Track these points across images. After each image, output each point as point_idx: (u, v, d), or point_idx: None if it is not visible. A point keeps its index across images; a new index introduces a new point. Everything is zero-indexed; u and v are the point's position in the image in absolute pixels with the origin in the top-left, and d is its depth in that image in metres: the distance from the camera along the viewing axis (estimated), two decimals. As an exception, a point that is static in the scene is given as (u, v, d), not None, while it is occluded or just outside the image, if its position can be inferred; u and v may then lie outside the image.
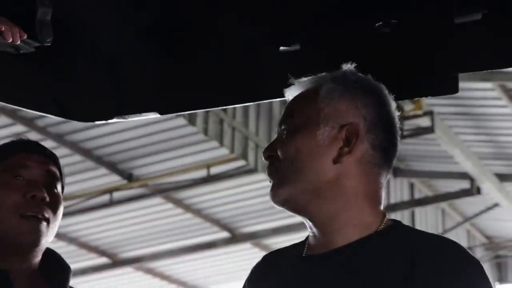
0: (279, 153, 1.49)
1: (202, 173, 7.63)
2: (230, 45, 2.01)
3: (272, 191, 1.51)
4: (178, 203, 8.26)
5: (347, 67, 1.52)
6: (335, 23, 1.84)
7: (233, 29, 1.99)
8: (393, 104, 1.50)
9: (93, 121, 2.20)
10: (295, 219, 9.10)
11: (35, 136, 6.55)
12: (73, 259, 9.13)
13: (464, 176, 8.61)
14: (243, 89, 1.99)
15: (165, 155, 7.33)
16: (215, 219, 8.76)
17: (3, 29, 1.61)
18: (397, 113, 1.50)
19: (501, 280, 11.98)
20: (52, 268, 1.83)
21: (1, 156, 1.84)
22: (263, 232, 9.09)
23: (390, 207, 8.71)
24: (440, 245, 1.40)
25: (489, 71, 6.42)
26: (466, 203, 9.88)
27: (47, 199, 1.76)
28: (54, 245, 1.83)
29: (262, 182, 7.85)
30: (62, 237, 8.57)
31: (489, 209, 9.58)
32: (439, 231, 10.10)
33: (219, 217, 8.75)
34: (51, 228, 1.77)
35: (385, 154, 1.48)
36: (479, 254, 11.05)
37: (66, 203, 7.86)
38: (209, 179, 7.67)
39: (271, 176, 1.51)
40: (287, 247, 1.61)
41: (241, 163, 7.41)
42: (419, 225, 9.77)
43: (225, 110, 6.87)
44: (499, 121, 7.94)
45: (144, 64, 2.12)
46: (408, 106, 7.22)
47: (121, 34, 2.08)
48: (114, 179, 7.67)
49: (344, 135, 1.45)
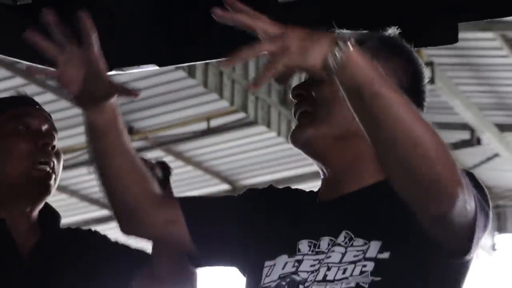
0: (314, 93, 1.49)
1: (202, 126, 7.64)
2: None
3: (296, 130, 1.52)
4: (178, 155, 8.29)
5: (392, 30, 1.54)
6: (334, -27, 1.82)
7: (231, -21, 1.97)
8: (426, 77, 1.54)
9: (92, 73, 2.19)
10: (295, 171, 9.12)
11: (34, 89, 6.54)
12: (75, 211, 9.20)
13: (464, 127, 8.62)
14: (242, 41, 1.98)
15: (165, 108, 7.33)
16: (216, 171, 8.79)
17: (-1, -20, 1.60)
18: (427, 86, 1.53)
19: (501, 229, 12.07)
20: (44, 216, 1.87)
21: (2, 107, 1.86)
22: (264, 184, 9.10)
23: (390, 158, 8.72)
24: None
25: (489, 20, 6.39)
26: (466, 154, 9.90)
27: (56, 148, 1.82)
28: (56, 197, 1.87)
29: (262, 134, 7.86)
30: (64, 190, 8.61)
31: (489, 159, 9.61)
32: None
33: (219, 169, 8.78)
34: (56, 179, 1.82)
35: None
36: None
37: (66, 156, 7.89)
38: (209, 132, 7.68)
39: (300, 115, 1.51)
40: (301, 190, 1.64)
41: (241, 115, 7.41)
42: (419, 176, 9.80)
43: (224, 62, 6.84)
44: (499, 71, 7.91)
45: (142, 15, 2.11)
46: (408, 57, 7.19)
47: (118, -15, 2.06)
48: (114, 132, 7.68)
49: None
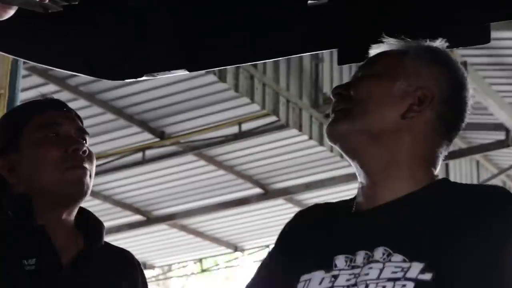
0: (352, 92, 1.52)
1: (233, 130, 7.64)
2: (258, -1, 2.00)
3: (331, 125, 1.53)
4: (210, 160, 8.30)
5: (438, 42, 1.57)
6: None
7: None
8: (470, 89, 1.56)
9: (123, 79, 2.21)
10: (327, 174, 9.09)
11: (67, 95, 6.59)
12: (108, 216, 9.25)
13: (499, 127, 8.51)
14: (272, 44, 1.98)
15: (196, 112, 7.34)
16: (248, 175, 8.79)
17: (31, -12, 1.61)
18: (471, 98, 1.56)
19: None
20: (86, 224, 1.87)
21: (29, 114, 1.87)
22: (296, 187, 9.10)
23: (423, 160, 8.64)
24: (491, 192, 1.45)
25: (523, 20, 6.31)
26: (501, 155, 9.79)
27: (87, 152, 1.82)
28: (89, 203, 1.88)
29: (293, 137, 7.84)
30: (97, 195, 8.67)
31: (523, 159, 9.48)
32: (474, 183, 10.04)
33: (251, 173, 8.77)
34: (91, 180, 1.83)
35: (449, 128, 1.54)
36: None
37: (99, 161, 7.97)
38: (240, 136, 7.68)
39: (336, 111, 1.53)
40: (334, 202, 1.63)
41: (272, 119, 7.39)
42: (453, 177, 9.72)
43: (255, 66, 6.83)
44: (533, 71, 7.81)
45: (172, 20, 2.11)
46: (440, 57, 7.13)
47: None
48: (146, 137, 7.72)
49: (418, 95, 1.50)
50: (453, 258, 1.37)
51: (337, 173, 8.71)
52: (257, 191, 9.14)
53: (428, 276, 1.35)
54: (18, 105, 2.65)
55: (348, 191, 9.31)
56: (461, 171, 10.13)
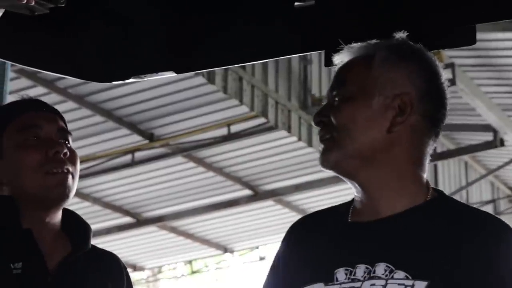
0: (333, 120, 1.52)
1: (222, 132, 7.64)
2: (245, 1, 2.00)
3: (322, 155, 1.54)
4: (199, 162, 8.29)
5: (399, 35, 1.53)
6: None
7: (248, -15, 1.97)
8: (444, 75, 1.52)
9: (110, 81, 2.20)
10: (317, 175, 9.11)
11: (55, 97, 6.58)
12: (98, 218, 9.23)
13: (487, 128, 8.55)
14: (259, 46, 1.98)
15: (185, 114, 7.34)
16: (237, 177, 8.79)
17: (17, -10, 1.61)
18: (447, 84, 1.52)
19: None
20: (72, 227, 1.86)
21: (9, 116, 1.85)
22: (285, 189, 9.11)
23: (412, 161, 8.65)
24: (485, 219, 1.47)
25: (510, 21, 6.34)
26: (489, 155, 9.83)
27: (68, 154, 1.80)
28: (79, 205, 1.86)
29: (283, 139, 7.85)
30: (86, 197, 8.66)
31: (512, 160, 9.52)
32: (462, 184, 10.06)
33: (240, 175, 8.77)
34: (74, 181, 1.81)
35: (434, 124, 1.52)
36: (503, 206, 11.01)
37: (88, 163, 7.95)
38: (229, 137, 7.68)
39: (324, 141, 1.54)
40: (329, 209, 1.64)
41: (261, 120, 7.40)
42: (442, 178, 9.75)
43: (244, 67, 6.84)
44: (521, 72, 7.85)
45: (159, 22, 2.11)
46: (428, 59, 7.15)
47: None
48: (135, 139, 7.71)
49: (397, 105, 1.48)
50: (454, 279, 1.39)
51: (326, 174, 8.67)
52: (246, 193, 9.15)
53: None
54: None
55: (337, 192, 9.33)
56: (450, 172, 10.16)
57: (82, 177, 1.87)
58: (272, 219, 10.05)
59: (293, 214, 9.91)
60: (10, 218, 1.77)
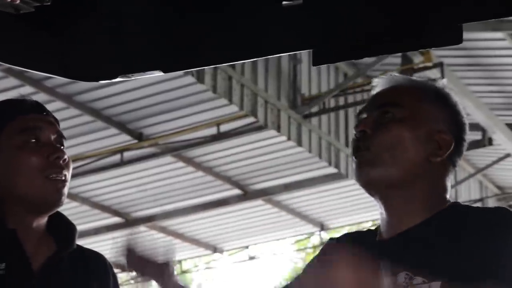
0: (379, 135, 1.61)
1: (212, 131, 7.63)
2: (234, 0, 1.99)
3: (360, 169, 1.62)
4: (189, 161, 8.28)
5: (442, 83, 1.72)
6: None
7: (236, -17, 1.96)
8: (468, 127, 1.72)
9: (97, 80, 2.19)
10: (306, 174, 9.09)
11: (43, 97, 6.55)
12: (87, 218, 9.21)
13: (475, 127, 8.57)
14: (248, 45, 1.97)
15: (175, 113, 7.33)
16: (227, 176, 8.78)
17: (1, -12, 1.60)
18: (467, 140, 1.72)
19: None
20: (58, 228, 1.85)
21: (10, 114, 1.84)
22: (275, 188, 9.11)
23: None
24: (489, 211, 1.60)
25: (498, 20, 6.36)
26: (477, 154, 9.86)
27: (67, 160, 1.80)
28: (67, 205, 1.86)
29: (272, 138, 7.85)
30: (75, 197, 8.63)
31: (501, 159, 9.56)
32: (451, 183, 10.08)
33: (230, 174, 8.77)
34: (67, 187, 1.81)
35: (455, 166, 1.71)
36: (491, 205, 11.05)
37: (77, 163, 7.91)
38: (219, 137, 7.67)
39: (360, 153, 1.63)
40: (364, 231, 1.76)
41: (250, 119, 7.40)
42: (430, 177, 9.75)
43: (233, 67, 6.83)
44: (510, 71, 7.88)
45: (147, 21, 2.10)
46: (417, 58, 7.17)
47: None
48: (124, 139, 7.69)
49: (437, 140, 1.63)
50: (464, 276, 1.49)
51: (315, 173, 8.72)
52: (236, 192, 9.14)
53: None
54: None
55: (327, 191, 9.34)
56: (439, 171, 10.16)
57: (70, 176, 1.87)
58: (261, 218, 10.05)
59: (282, 213, 9.92)
60: None
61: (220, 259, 11.53)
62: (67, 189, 1.82)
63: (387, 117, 1.63)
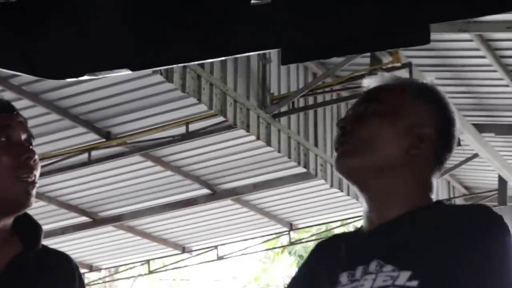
0: (358, 129, 1.68)
1: (181, 130, 7.61)
2: (202, -2, 1.98)
3: (339, 160, 1.69)
4: (157, 160, 8.25)
5: (430, 79, 1.77)
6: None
7: (204, -18, 1.95)
8: (457, 123, 1.75)
9: (64, 78, 2.16)
10: (275, 174, 9.09)
11: (10, 95, 6.48)
12: (53, 218, 9.13)
13: (442, 128, 8.64)
14: (215, 44, 1.96)
15: (143, 112, 7.29)
16: (195, 176, 8.76)
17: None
18: (457, 135, 1.75)
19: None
20: (23, 227, 1.83)
21: None
22: (244, 188, 9.11)
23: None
24: (471, 209, 1.64)
25: (466, 21, 6.41)
26: (445, 155, 9.93)
27: (37, 160, 1.79)
28: (33, 205, 1.83)
29: (241, 138, 7.84)
30: (41, 197, 8.55)
31: (468, 160, 9.65)
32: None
33: (199, 174, 8.75)
34: (36, 189, 1.80)
35: (441, 160, 1.73)
36: (458, 205, 11.14)
37: (44, 162, 7.82)
38: (188, 136, 7.65)
39: (341, 144, 1.69)
40: (354, 230, 1.81)
41: (219, 119, 7.38)
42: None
43: (202, 66, 6.81)
44: (477, 72, 7.95)
45: (115, 19, 2.09)
46: (386, 58, 7.21)
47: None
48: (92, 138, 7.63)
49: (418, 133, 1.67)
50: (437, 268, 1.52)
51: (285, 173, 8.74)
52: (204, 192, 9.12)
53: (414, 283, 1.52)
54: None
55: (296, 191, 9.36)
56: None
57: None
58: (230, 218, 10.04)
59: (251, 213, 9.92)
60: None
61: (188, 259, 11.49)
62: (36, 190, 1.80)
63: (367, 112, 1.69)
